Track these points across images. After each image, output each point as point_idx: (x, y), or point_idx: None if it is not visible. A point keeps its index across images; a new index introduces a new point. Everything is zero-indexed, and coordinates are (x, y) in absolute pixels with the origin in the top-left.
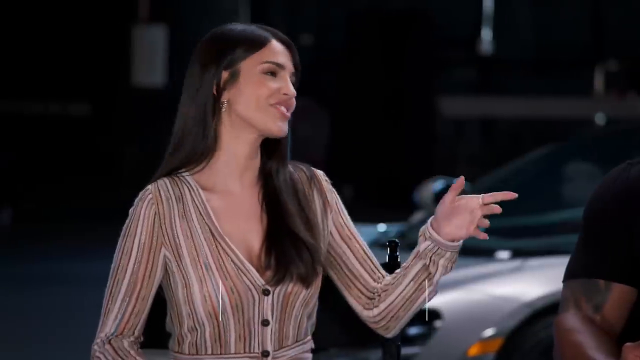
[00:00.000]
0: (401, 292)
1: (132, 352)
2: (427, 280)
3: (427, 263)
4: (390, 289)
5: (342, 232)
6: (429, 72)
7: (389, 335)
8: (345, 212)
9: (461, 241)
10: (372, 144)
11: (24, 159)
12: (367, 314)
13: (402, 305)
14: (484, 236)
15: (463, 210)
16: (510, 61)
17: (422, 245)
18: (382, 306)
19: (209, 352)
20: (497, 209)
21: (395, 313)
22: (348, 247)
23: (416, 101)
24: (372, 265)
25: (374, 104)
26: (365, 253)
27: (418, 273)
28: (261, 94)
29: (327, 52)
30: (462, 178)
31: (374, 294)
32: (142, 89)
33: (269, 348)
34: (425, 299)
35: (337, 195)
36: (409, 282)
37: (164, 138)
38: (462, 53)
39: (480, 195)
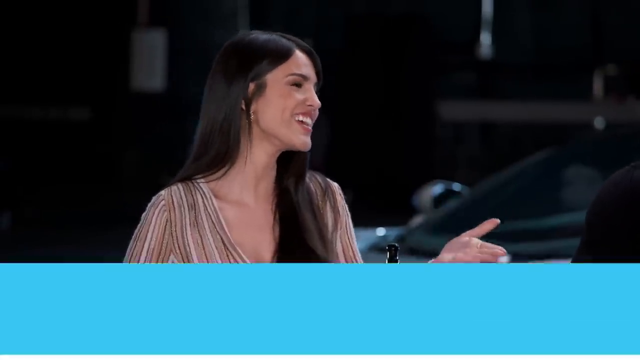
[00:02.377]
0: None
1: None
2: None
3: None
4: None
5: (347, 253)
6: (428, 76)
7: None
8: (353, 232)
9: None
10: (371, 148)
11: (23, 163)
12: None
13: None
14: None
15: (465, 246)
16: (509, 65)
17: None
18: None
19: None
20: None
21: None
22: None
23: (415, 105)
24: None
25: (373, 107)
26: None
27: None
28: (288, 105)
29: (326, 55)
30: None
31: None
32: (142, 93)
33: None
34: None
35: (349, 213)
36: None
37: (163, 142)
38: (462, 57)
39: (480, 242)
